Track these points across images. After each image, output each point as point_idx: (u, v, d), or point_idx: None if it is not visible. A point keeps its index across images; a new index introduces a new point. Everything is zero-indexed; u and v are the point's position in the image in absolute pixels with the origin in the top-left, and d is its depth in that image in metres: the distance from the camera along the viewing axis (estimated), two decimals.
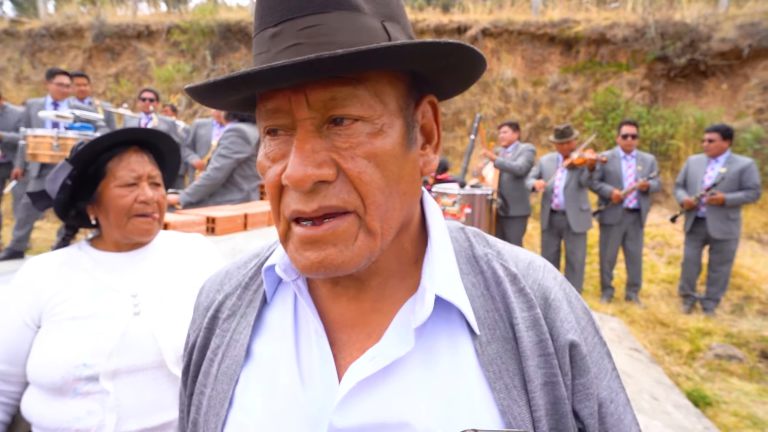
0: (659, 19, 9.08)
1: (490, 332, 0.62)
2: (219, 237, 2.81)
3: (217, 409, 0.66)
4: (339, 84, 0.54)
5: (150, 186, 1.40)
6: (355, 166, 0.55)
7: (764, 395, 3.78)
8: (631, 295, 5.64)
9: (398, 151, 0.58)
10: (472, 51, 0.56)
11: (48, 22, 12.41)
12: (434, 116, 0.66)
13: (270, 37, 0.56)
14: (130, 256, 1.43)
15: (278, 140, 0.58)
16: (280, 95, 0.55)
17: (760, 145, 8.00)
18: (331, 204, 0.55)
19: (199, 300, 0.80)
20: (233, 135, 3.66)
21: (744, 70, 8.72)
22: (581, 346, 0.63)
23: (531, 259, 0.70)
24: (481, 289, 0.65)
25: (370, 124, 0.56)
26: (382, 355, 0.59)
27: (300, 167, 0.53)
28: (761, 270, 6.15)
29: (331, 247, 0.56)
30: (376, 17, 0.57)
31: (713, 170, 5.22)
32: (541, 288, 0.66)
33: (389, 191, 0.57)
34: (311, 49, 0.53)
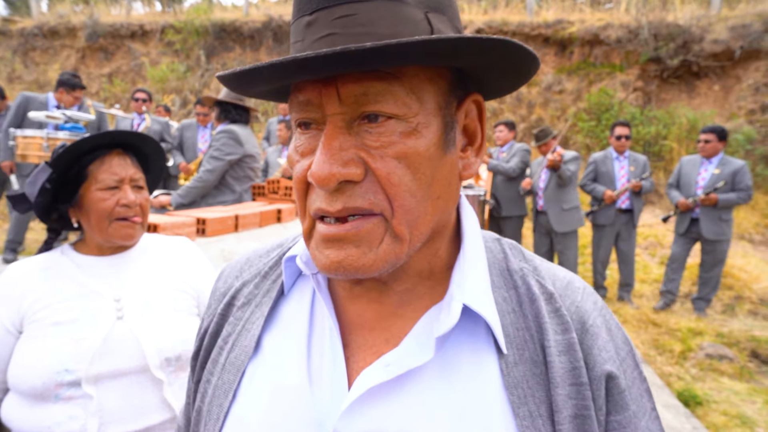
0: (652, 21, 9.12)
1: (518, 352, 0.57)
2: (209, 238, 2.81)
3: (221, 399, 0.64)
4: (373, 78, 0.51)
5: (132, 189, 1.39)
6: (384, 166, 0.52)
7: (754, 394, 3.81)
8: (623, 295, 5.67)
9: (433, 152, 0.54)
10: (520, 48, 0.51)
11: (41, 21, 12.35)
12: (479, 117, 0.61)
13: (305, 25, 0.53)
14: (114, 260, 1.42)
15: (309, 134, 0.55)
16: (311, 87, 0.53)
17: (752, 146, 8.06)
18: (356, 205, 0.52)
19: (216, 285, 0.77)
20: (225, 136, 3.65)
21: (736, 72, 8.78)
22: (620, 379, 0.57)
23: (570, 278, 0.65)
24: (513, 305, 0.60)
25: (404, 122, 0.52)
26: (397, 362, 0.56)
27: (325, 165, 0.51)
28: (752, 270, 6.19)
29: (353, 248, 0.53)
30: (420, 7, 0.53)
31: (707, 171, 5.25)
32: (579, 311, 0.60)
33: (420, 195, 0.54)
34: (345, 39, 0.50)
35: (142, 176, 1.43)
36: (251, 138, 3.86)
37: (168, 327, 1.34)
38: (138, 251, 1.46)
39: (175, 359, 1.32)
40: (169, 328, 1.33)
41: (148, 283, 1.40)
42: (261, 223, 3.25)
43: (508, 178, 5.70)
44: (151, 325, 1.32)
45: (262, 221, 3.26)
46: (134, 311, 1.34)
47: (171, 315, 1.37)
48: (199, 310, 1.47)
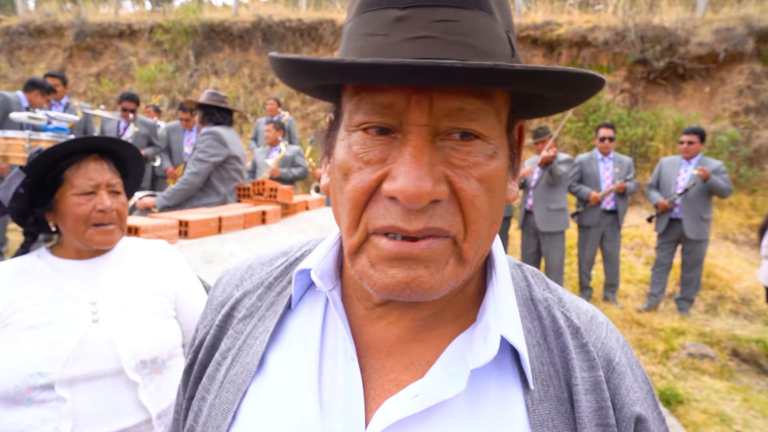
0: (639, 23, 9.22)
1: (543, 388, 0.54)
2: (191, 240, 2.80)
3: (218, 421, 0.58)
4: (472, 95, 0.48)
5: (109, 194, 1.39)
6: (470, 187, 0.49)
7: (733, 392, 3.87)
8: (608, 296, 5.72)
9: (503, 177, 0.53)
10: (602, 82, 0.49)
11: (27, 19, 12.23)
12: (519, 142, 0.59)
13: (394, 20, 0.48)
14: (91, 264, 1.42)
15: (380, 141, 0.50)
16: (399, 91, 0.48)
17: (736, 148, 8.17)
18: (437, 226, 0.48)
19: (214, 293, 0.72)
20: (209, 138, 3.65)
21: (720, 74, 8.89)
22: (648, 422, 0.55)
23: (594, 313, 0.63)
24: (538, 338, 0.57)
25: (487, 144, 0.50)
26: (426, 393, 0.51)
27: (418, 181, 0.46)
28: (734, 270, 6.28)
29: (423, 268, 0.49)
30: (503, 25, 0.51)
31: (686, 172, 5.32)
32: (605, 348, 0.58)
33: (491, 219, 0.52)
34: (445, 46, 0.47)
35: (119, 181, 1.43)
36: (236, 139, 3.86)
37: (143, 330, 1.34)
38: (116, 255, 1.47)
39: (151, 362, 1.33)
40: (144, 331, 1.34)
41: (124, 287, 1.40)
42: (245, 224, 3.25)
43: None
44: (127, 327, 1.33)
45: (246, 223, 3.25)
46: (110, 314, 1.34)
47: (147, 318, 1.37)
48: (177, 313, 1.48)
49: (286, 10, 11.81)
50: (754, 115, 8.46)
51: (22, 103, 5.26)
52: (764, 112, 8.43)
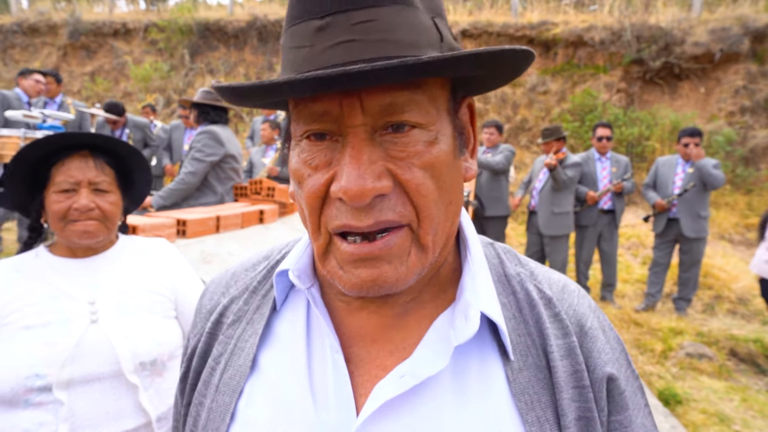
0: (635, 23, 9.24)
1: (522, 359, 0.57)
2: (189, 240, 2.77)
3: (217, 423, 0.60)
4: (399, 89, 0.50)
5: (93, 192, 1.36)
6: (414, 177, 0.51)
7: (731, 392, 3.87)
8: (606, 296, 5.72)
9: (450, 159, 0.54)
10: (529, 54, 0.52)
11: (20, 18, 12.14)
12: (471, 119, 0.62)
13: (315, 30, 0.50)
14: (88, 262, 1.40)
15: (321, 146, 0.52)
16: (330, 98, 0.50)
17: (732, 148, 8.20)
18: (387, 218, 0.51)
19: (202, 302, 0.74)
20: (205, 137, 3.62)
21: (716, 74, 8.93)
22: (619, 380, 0.58)
23: (565, 282, 0.65)
24: (513, 311, 0.60)
25: (426, 131, 0.52)
26: (412, 372, 0.54)
27: (359, 180, 0.48)
28: (731, 270, 6.30)
29: (386, 265, 0.52)
30: (428, 13, 0.52)
31: (684, 171, 5.33)
32: (577, 314, 0.61)
33: (442, 203, 0.54)
34: (367, 46, 0.49)
35: (106, 179, 1.38)
36: (232, 138, 3.83)
37: (143, 330, 1.32)
38: (114, 253, 1.44)
39: (150, 363, 1.31)
40: (144, 332, 1.32)
41: (123, 286, 1.37)
42: (243, 224, 3.22)
43: (493, 172, 5.71)
44: (126, 328, 1.30)
45: (244, 222, 3.23)
46: (109, 314, 1.31)
47: (146, 318, 1.35)
48: (177, 312, 1.45)
49: (282, 9, 11.77)
50: (749, 115, 8.50)
51: (22, 99, 5.22)
52: (760, 112, 8.47)
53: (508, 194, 5.82)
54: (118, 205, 1.41)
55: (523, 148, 9.29)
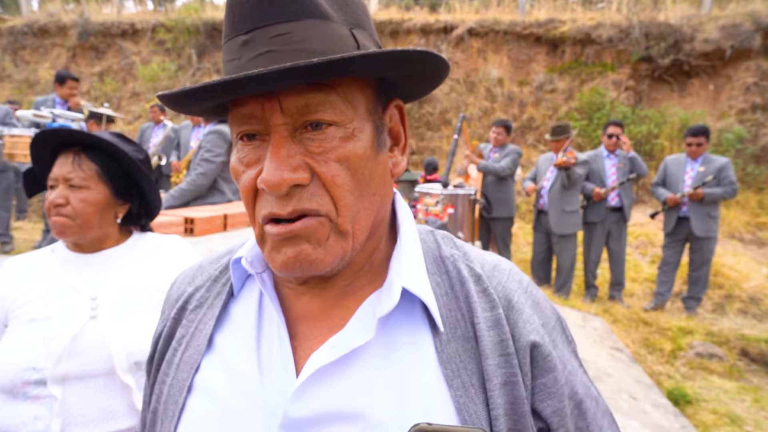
0: (643, 20, 9.16)
1: (451, 331, 0.63)
2: (197, 238, 2.79)
3: (176, 397, 0.67)
4: (312, 90, 0.56)
5: (68, 188, 1.36)
6: (329, 169, 0.57)
7: (743, 393, 3.83)
8: (614, 294, 5.68)
9: (369, 154, 0.60)
10: (438, 58, 0.59)
11: (31, 19, 12.23)
12: (401, 119, 0.68)
13: (241, 44, 0.57)
14: (97, 257, 1.40)
15: (252, 145, 0.59)
16: (253, 101, 0.56)
17: (742, 145, 8.11)
18: (305, 207, 0.57)
19: (170, 292, 0.81)
20: (214, 137, 3.63)
21: (726, 71, 8.83)
22: (543, 346, 0.64)
23: (497, 262, 0.71)
24: (446, 288, 0.66)
25: (342, 128, 0.58)
26: (342, 343, 0.60)
27: (276, 172, 0.55)
28: (742, 269, 6.23)
29: (305, 243, 0.58)
30: (345, 25, 0.59)
31: (693, 170, 5.28)
32: (505, 290, 0.66)
33: (360, 193, 0.59)
34: (284, 56, 0.55)
35: (80, 174, 1.36)
36: None
37: (141, 329, 1.30)
38: (124, 249, 1.44)
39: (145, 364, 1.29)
40: (141, 331, 1.29)
41: (128, 283, 1.37)
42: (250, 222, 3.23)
43: (498, 178, 5.70)
44: (123, 326, 1.29)
45: None
46: (108, 311, 1.31)
47: (147, 317, 1.33)
48: None
49: None
50: (761, 113, 8.40)
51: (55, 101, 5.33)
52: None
53: (515, 195, 5.79)
54: (91, 202, 1.37)
55: (530, 147, 9.24)
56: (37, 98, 5.66)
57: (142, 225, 1.53)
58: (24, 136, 3.85)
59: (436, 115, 9.99)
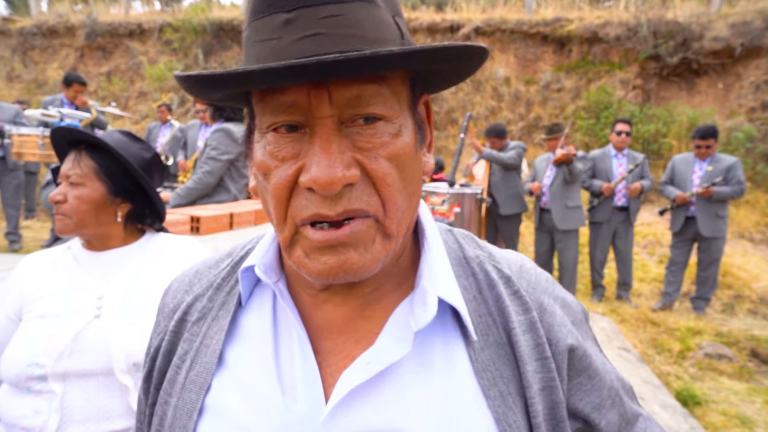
0: (652, 18, 9.09)
1: (483, 338, 0.60)
2: (203, 237, 2.79)
3: (184, 420, 0.61)
4: (365, 81, 0.51)
5: (68, 185, 1.37)
6: (380, 167, 0.53)
7: (753, 394, 3.79)
8: (621, 294, 5.64)
9: (413, 152, 0.56)
10: (485, 53, 0.55)
11: (40, 20, 12.33)
12: (427, 115, 0.64)
13: (283, 23, 0.51)
14: (107, 256, 1.41)
15: (289, 138, 0.54)
16: (298, 89, 0.51)
17: (752, 144, 8.02)
18: (355, 207, 0.52)
19: (164, 301, 0.74)
20: (220, 135, 3.63)
21: (736, 69, 8.74)
22: (579, 347, 0.62)
23: (522, 261, 0.69)
24: (474, 293, 0.62)
25: (391, 123, 0.54)
26: (376, 359, 0.56)
27: (329, 169, 0.50)
28: (752, 269, 6.17)
29: (352, 251, 0.53)
30: (389, 11, 0.55)
31: (701, 169, 5.24)
32: (536, 291, 0.64)
33: (406, 193, 0.56)
34: (334, 40, 0.50)
35: (78, 171, 1.36)
36: None
37: (142, 330, 1.29)
38: (134, 249, 1.44)
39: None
40: (143, 332, 1.28)
41: (134, 283, 1.37)
42: (256, 221, 3.23)
43: (504, 167, 5.65)
44: (125, 327, 1.29)
45: (258, 219, 3.24)
46: (112, 311, 1.31)
47: (150, 318, 1.29)
48: None
49: None
50: None
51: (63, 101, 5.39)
52: None
53: (525, 194, 5.77)
54: (85, 199, 1.36)
55: (536, 146, 9.19)
56: (46, 98, 5.70)
57: (152, 225, 1.51)
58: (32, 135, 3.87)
59: (443, 115, 9.96)
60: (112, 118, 6.21)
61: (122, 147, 1.41)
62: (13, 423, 1.21)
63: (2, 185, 5.99)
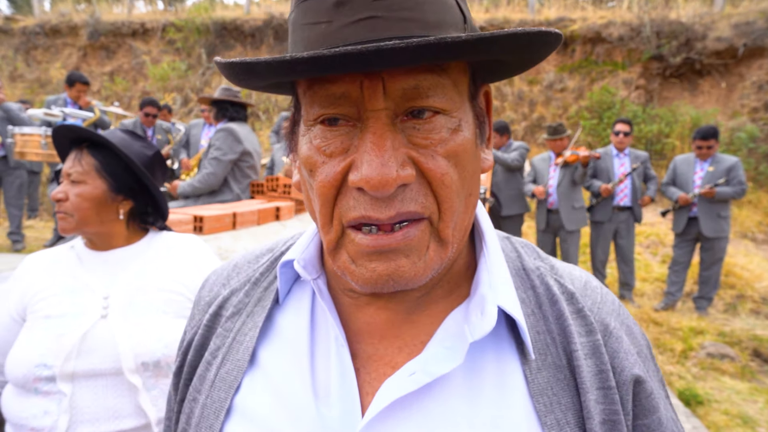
0: (655, 18, 9.08)
1: (541, 357, 0.54)
2: (206, 236, 2.80)
3: (210, 420, 0.58)
4: (424, 71, 0.46)
5: (69, 183, 1.37)
6: (437, 166, 0.48)
7: (755, 394, 3.78)
8: (624, 294, 5.64)
9: (473, 148, 0.51)
10: (559, 39, 0.49)
11: (43, 19, 12.36)
12: (487, 108, 0.58)
13: (334, 4, 0.46)
14: (112, 256, 1.40)
15: (338, 131, 0.49)
16: (350, 79, 0.46)
17: (755, 144, 8.01)
18: (409, 210, 0.48)
19: (201, 294, 0.71)
20: (223, 135, 3.65)
21: (739, 69, 8.73)
22: (647, 383, 0.55)
23: (587, 278, 0.62)
24: (532, 307, 0.57)
25: (450, 118, 0.49)
26: (423, 370, 0.51)
27: (382, 168, 0.45)
28: (754, 269, 6.16)
29: (403, 258, 0.49)
30: None
31: (703, 170, 5.24)
32: (601, 312, 0.58)
33: (464, 194, 0.51)
34: (391, 24, 0.45)
35: (78, 169, 1.37)
36: (250, 135, 3.85)
37: (150, 330, 1.29)
38: (138, 249, 1.44)
39: (153, 365, 1.27)
40: (150, 331, 1.29)
41: (140, 282, 1.37)
42: (259, 221, 3.24)
43: (507, 168, 5.66)
44: (132, 327, 1.29)
45: (261, 219, 3.24)
46: (118, 311, 1.31)
47: (156, 318, 1.32)
48: None
49: None
50: None
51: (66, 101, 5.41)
52: None
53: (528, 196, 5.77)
54: (86, 197, 1.36)
55: (539, 146, 9.19)
56: (49, 97, 5.71)
57: (155, 223, 1.51)
58: (35, 135, 3.89)
59: None
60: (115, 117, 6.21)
61: (124, 145, 1.41)
62: (22, 424, 1.20)
63: (5, 185, 6.01)
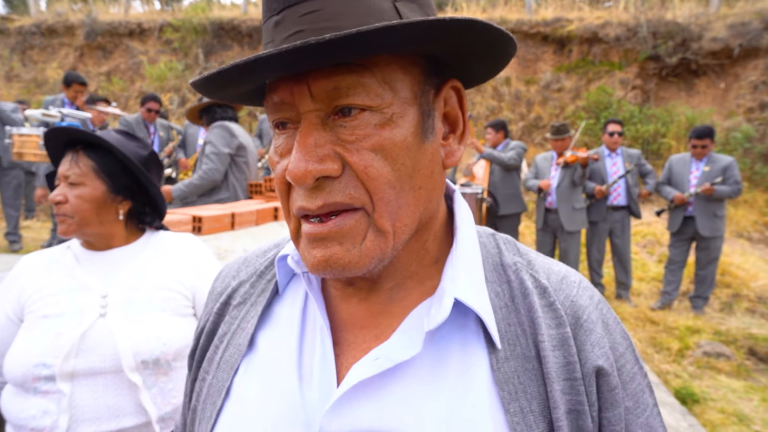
0: (651, 19, 9.11)
1: (509, 348, 0.56)
2: (205, 237, 2.80)
3: (214, 397, 0.64)
4: (343, 72, 0.50)
5: (67, 186, 1.37)
6: (361, 159, 0.51)
7: (751, 392, 3.81)
8: (621, 293, 5.67)
9: (411, 142, 0.53)
10: (494, 30, 0.51)
11: (39, 19, 12.32)
12: (459, 103, 0.61)
13: (274, 25, 0.53)
14: (109, 255, 1.41)
15: (286, 134, 0.55)
16: (283, 86, 0.52)
17: (750, 144, 8.05)
18: (335, 201, 0.52)
19: (214, 285, 0.78)
20: (218, 130, 3.66)
21: (735, 70, 8.77)
22: (611, 375, 0.56)
23: (565, 273, 0.63)
24: (506, 300, 0.59)
25: (379, 113, 0.52)
26: (386, 356, 0.55)
27: (301, 163, 0.50)
28: (750, 268, 6.19)
29: (337, 246, 0.53)
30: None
31: (698, 170, 5.26)
32: (574, 306, 0.59)
33: (401, 186, 0.53)
34: (311, 35, 0.49)
35: (76, 171, 1.37)
36: (243, 132, 3.87)
37: (148, 328, 1.30)
38: (136, 248, 1.45)
39: (153, 362, 1.28)
40: (149, 330, 1.30)
41: (137, 281, 1.37)
42: (258, 221, 3.24)
43: (504, 168, 5.68)
44: (131, 325, 1.29)
45: (259, 219, 3.25)
46: (117, 310, 1.31)
47: (154, 316, 1.33)
48: (195, 310, 1.44)
49: None
50: None
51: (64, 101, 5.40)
52: None
53: (534, 192, 5.79)
54: (86, 198, 1.37)
55: (537, 146, 9.21)
56: (47, 98, 5.70)
57: (152, 223, 1.51)
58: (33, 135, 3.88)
59: None
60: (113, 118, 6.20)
61: (120, 145, 1.41)
62: (22, 424, 1.20)
63: (2, 185, 6.00)
